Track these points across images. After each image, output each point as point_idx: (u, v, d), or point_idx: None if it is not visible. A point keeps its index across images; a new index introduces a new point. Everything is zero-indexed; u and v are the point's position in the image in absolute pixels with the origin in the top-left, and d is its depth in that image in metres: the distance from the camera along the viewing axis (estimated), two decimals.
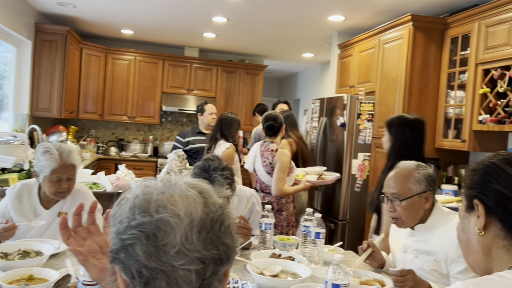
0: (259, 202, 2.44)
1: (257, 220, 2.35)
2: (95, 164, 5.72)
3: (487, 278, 0.89)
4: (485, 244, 0.98)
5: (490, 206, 0.97)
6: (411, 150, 2.45)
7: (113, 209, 0.76)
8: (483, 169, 1.01)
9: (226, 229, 0.74)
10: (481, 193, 0.99)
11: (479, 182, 1.01)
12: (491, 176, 0.98)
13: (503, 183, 0.96)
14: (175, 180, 0.77)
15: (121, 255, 0.71)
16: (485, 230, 0.98)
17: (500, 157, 1.02)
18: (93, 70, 6.18)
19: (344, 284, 1.40)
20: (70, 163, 2.07)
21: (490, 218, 0.97)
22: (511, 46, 3.02)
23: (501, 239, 0.96)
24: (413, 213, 1.85)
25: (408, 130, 2.52)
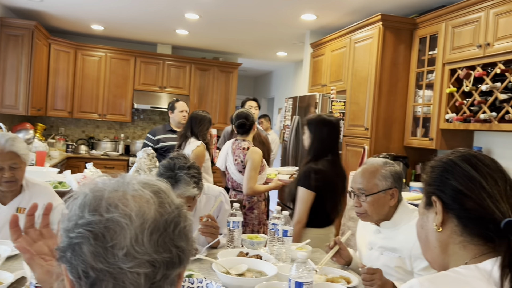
0: (227, 200, 2.42)
1: (225, 218, 2.32)
2: (64, 163, 5.58)
3: (442, 274, 0.90)
4: (442, 241, 0.99)
5: (447, 202, 0.98)
6: (328, 147, 2.66)
7: (64, 206, 0.73)
8: (441, 166, 1.02)
9: (181, 231, 0.72)
10: (439, 189, 1.00)
11: (436, 179, 1.02)
12: (448, 173, 0.99)
13: (460, 180, 0.97)
14: (129, 179, 0.74)
15: (67, 254, 0.68)
16: (443, 227, 0.99)
17: (458, 154, 1.03)
18: (62, 67, 6.03)
19: (307, 282, 1.40)
20: (10, 150, 2.00)
21: (447, 214, 0.98)
22: (476, 46, 3.09)
23: (457, 235, 0.97)
24: (378, 209, 1.87)
25: (325, 129, 2.68)
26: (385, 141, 3.85)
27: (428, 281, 0.87)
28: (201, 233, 2.08)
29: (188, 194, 2.03)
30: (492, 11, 2.99)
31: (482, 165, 0.98)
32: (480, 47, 3.05)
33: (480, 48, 3.05)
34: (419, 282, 0.87)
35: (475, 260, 0.92)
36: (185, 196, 2.02)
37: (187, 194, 2.03)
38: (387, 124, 3.85)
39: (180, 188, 2.00)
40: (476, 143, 3.51)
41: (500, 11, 2.93)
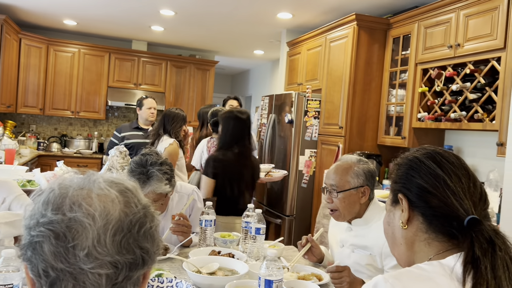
0: (200, 199, 2.40)
1: (198, 217, 2.30)
2: (35, 161, 5.44)
3: (406, 270, 0.91)
4: (408, 238, 1.00)
5: (413, 200, 0.99)
6: (235, 139, 2.85)
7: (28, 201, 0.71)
8: (407, 164, 1.03)
9: (146, 232, 0.70)
10: (405, 187, 1.01)
11: (402, 176, 1.02)
12: (414, 171, 1.00)
13: (425, 178, 0.98)
14: (96, 177, 0.72)
15: (28, 252, 0.67)
16: (408, 224, 1.00)
17: (423, 151, 1.04)
18: (33, 62, 5.87)
19: (277, 280, 1.40)
20: None
21: (413, 212, 0.99)
22: (447, 47, 3.15)
23: (422, 232, 0.98)
24: (349, 206, 1.88)
25: (232, 123, 2.87)
26: (359, 140, 3.90)
27: (392, 278, 0.87)
28: (173, 232, 2.06)
29: (160, 191, 2.01)
30: (462, 13, 3.06)
31: (446, 162, 0.99)
32: (451, 47, 3.12)
33: (451, 48, 3.11)
34: (384, 278, 0.88)
35: (438, 257, 0.94)
36: (157, 193, 2.01)
37: (159, 191, 2.01)
38: (361, 122, 3.89)
39: (152, 185, 1.98)
40: (447, 142, 3.59)
41: (470, 13, 2.99)
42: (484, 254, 0.86)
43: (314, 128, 4.30)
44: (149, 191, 1.99)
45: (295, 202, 4.30)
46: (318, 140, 4.29)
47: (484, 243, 0.87)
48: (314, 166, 4.30)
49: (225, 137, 2.86)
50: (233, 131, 2.85)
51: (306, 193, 4.31)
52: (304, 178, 4.30)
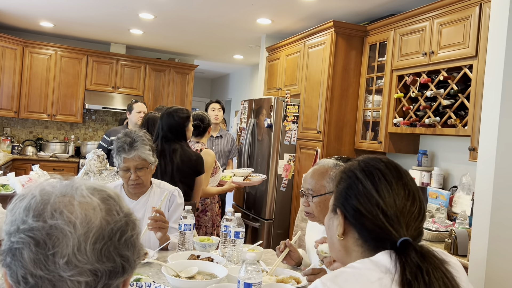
0: (181, 195, 2.42)
1: (178, 212, 2.34)
2: (9, 165, 5.31)
3: (340, 271, 0.95)
4: (346, 247, 1.05)
5: (349, 220, 1.03)
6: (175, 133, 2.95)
7: (10, 205, 0.70)
8: (346, 181, 1.06)
9: (127, 240, 0.71)
10: (343, 205, 1.04)
11: (342, 193, 1.05)
12: (351, 190, 1.03)
13: (360, 199, 1.01)
14: (79, 183, 0.72)
15: (7, 258, 0.67)
16: (345, 236, 1.04)
17: (363, 165, 1.05)
18: (8, 64, 5.75)
19: (256, 283, 1.42)
20: None
21: (349, 226, 1.03)
22: (421, 54, 3.24)
23: (357, 246, 1.02)
24: (324, 210, 1.91)
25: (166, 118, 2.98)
26: (337, 144, 3.96)
27: (329, 281, 0.92)
28: (150, 228, 2.06)
29: (144, 156, 2.16)
30: (436, 21, 3.15)
31: (384, 181, 1.01)
32: (425, 55, 3.20)
33: (425, 56, 3.20)
34: (322, 282, 0.92)
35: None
36: (142, 158, 2.15)
37: (144, 156, 2.15)
38: (339, 127, 3.96)
39: (138, 148, 2.14)
40: (422, 147, 3.68)
41: (444, 21, 3.09)
42: (415, 278, 0.90)
43: (293, 133, 4.34)
44: (134, 155, 2.14)
45: (274, 206, 4.33)
46: (296, 144, 4.34)
47: (413, 268, 0.91)
48: (293, 170, 4.34)
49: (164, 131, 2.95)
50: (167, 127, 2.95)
51: (285, 196, 4.35)
52: (283, 182, 4.34)
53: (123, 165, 2.17)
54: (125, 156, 2.15)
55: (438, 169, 3.38)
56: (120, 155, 2.16)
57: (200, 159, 2.98)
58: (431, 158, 3.57)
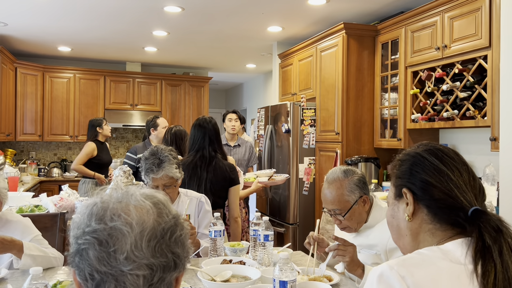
0: (208, 202, 2.50)
1: (207, 218, 2.42)
2: (37, 187, 5.47)
3: (408, 257, 0.96)
4: (413, 229, 1.06)
5: (418, 194, 1.04)
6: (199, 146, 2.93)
7: (75, 215, 0.80)
8: (409, 160, 1.08)
9: (176, 239, 0.79)
10: (409, 182, 1.05)
11: (406, 172, 1.07)
12: (417, 166, 1.06)
13: (428, 172, 1.03)
14: (132, 191, 0.82)
15: (76, 258, 0.76)
16: (413, 217, 1.05)
17: (424, 148, 1.10)
18: (30, 90, 5.95)
19: (291, 280, 1.46)
20: None
21: (417, 205, 1.04)
22: (434, 49, 3.26)
23: (427, 223, 1.03)
24: (357, 219, 1.94)
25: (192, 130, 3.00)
26: (356, 144, 3.98)
27: (397, 265, 0.91)
28: None
29: (172, 174, 2.23)
30: (446, 15, 3.17)
31: (447, 158, 1.05)
32: (438, 49, 3.22)
33: (438, 50, 3.22)
34: (389, 266, 0.91)
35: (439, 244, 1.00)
36: (169, 176, 2.23)
37: (171, 175, 2.22)
38: (357, 127, 3.98)
39: (165, 168, 2.20)
40: (442, 141, 3.68)
41: (454, 15, 3.11)
42: (494, 241, 0.91)
43: (311, 136, 4.38)
44: (162, 175, 2.22)
45: (297, 210, 4.37)
46: (315, 147, 4.38)
47: (493, 232, 0.92)
48: (313, 173, 4.37)
49: (218, 143, 2.97)
50: (194, 138, 2.96)
51: (307, 200, 4.38)
52: (305, 186, 4.37)
53: (152, 184, 2.26)
54: (153, 176, 2.24)
55: None
56: (149, 175, 2.26)
57: (233, 169, 2.96)
58: None
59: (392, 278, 0.89)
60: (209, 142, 2.93)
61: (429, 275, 0.89)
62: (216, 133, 2.98)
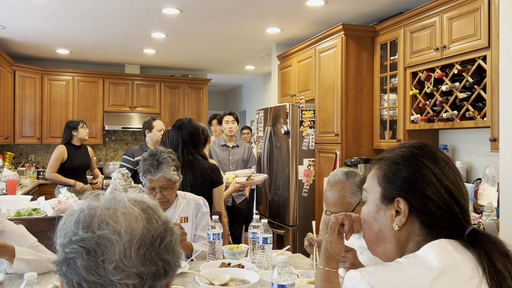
0: (206, 204, 2.50)
1: (204, 220, 2.42)
2: (36, 190, 5.45)
3: (383, 265, 0.94)
4: (401, 239, 1.00)
5: (416, 208, 0.97)
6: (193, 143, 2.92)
7: (61, 221, 0.78)
8: (411, 167, 1.00)
9: (166, 245, 0.77)
10: (409, 194, 0.98)
11: (407, 181, 0.99)
12: (421, 178, 0.98)
13: (433, 188, 0.97)
14: (120, 197, 0.80)
15: (63, 267, 0.73)
16: (402, 227, 0.99)
17: (426, 151, 1.02)
18: (28, 93, 5.93)
19: (289, 284, 1.44)
20: None
21: (411, 217, 0.98)
22: (433, 49, 3.25)
23: (416, 235, 0.98)
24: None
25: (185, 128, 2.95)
26: (355, 146, 3.97)
27: (369, 274, 0.89)
28: None
29: (169, 176, 2.22)
30: (445, 16, 3.16)
31: (449, 169, 1.00)
32: (437, 50, 3.21)
33: (437, 51, 3.21)
34: (361, 274, 0.90)
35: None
36: (167, 178, 2.21)
37: (169, 177, 2.21)
38: (356, 128, 3.97)
39: (163, 169, 2.20)
40: (442, 141, 3.67)
41: (453, 15, 3.10)
42: (505, 267, 0.90)
43: (310, 138, 4.37)
44: (160, 176, 2.21)
45: (297, 212, 4.35)
46: (315, 148, 4.36)
47: (501, 258, 0.91)
48: (313, 174, 4.36)
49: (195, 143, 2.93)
50: (170, 140, 2.96)
51: (307, 202, 4.36)
52: (305, 187, 4.36)
53: (149, 185, 2.25)
54: (150, 177, 2.23)
55: (460, 162, 3.36)
56: (146, 176, 2.24)
57: (214, 170, 2.92)
58: (452, 152, 3.55)
59: (362, 287, 0.88)
60: (183, 145, 2.88)
61: (398, 282, 0.87)
62: (191, 135, 2.90)
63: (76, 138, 4.66)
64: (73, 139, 4.66)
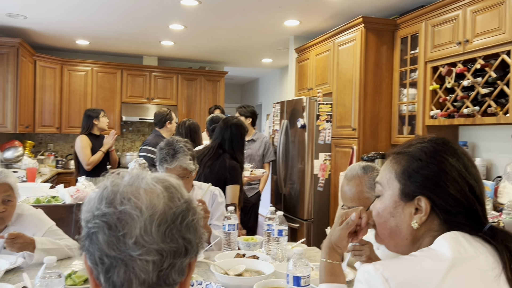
0: (221, 195, 2.54)
1: (219, 210, 2.45)
2: (54, 179, 5.54)
3: (398, 258, 0.94)
4: (417, 235, 0.99)
5: (439, 206, 0.96)
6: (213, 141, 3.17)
7: (86, 199, 0.79)
8: (435, 165, 0.98)
9: (188, 224, 0.77)
10: (433, 193, 0.96)
11: (430, 180, 0.97)
12: (445, 176, 0.96)
13: (457, 187, 0.96)
14: (143, 175, 0.80)
15: (86, 242, 0.74)
16: (421, 224, 0.98)
17: (449, 147, 0.99)
18: (48, 83, 6.02)
19: (305, 276, 1.44)
20: (3, 181, 1.92)
21: (432, 215, 0.97)
22: (455, 44, 3.18)
23: (433, 231, 0.97)
24: None
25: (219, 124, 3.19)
26: (373, 140, 3.92)
27: (383, 266, 0.89)
28: None
29: (186, 166, 2.23)
30: (469, 9, 3.09)
31: (471, 166, 0.98)
32: (459, 44, 3.14)
33: (460, 45, 3.14)
34: (375, 267, 0.89)
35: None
36: (183, 167, 2.23)
37: (185, 166, 2.23)
38: (374, 123, 3.92)
39: (179, 158, 2.22)
40: (461, 138, 3.60)
41: (477, 8, 3.02)
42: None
43: (327, 132, 4.34)
44: (176, 165, 2.23)
45: (312, 206, 4.33)
46: (331, 143, 4.33)
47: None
48: (329, 169, 4.33)
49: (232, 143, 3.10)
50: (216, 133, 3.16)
51: (323, 196, 4.34)
52: (320, 182, 4.33)
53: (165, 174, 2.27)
54: (167, 166, 2.25)
55: (480, 159, 3.30)
56: (163, 165, 2.26)
57: (233, 169, 3.01)
58: (472, 149, 3.48)
59: (376, 280, 0.87)
60: (221, 140, 3.08)
61: (412, 275, 0.87)
62: (232, 136, 3.10)
63: (96, 128, 4.52)
64: (94, 129, 4.52)
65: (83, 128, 4.54)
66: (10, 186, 1.96)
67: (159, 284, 0.74)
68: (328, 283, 1.17)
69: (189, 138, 3.70)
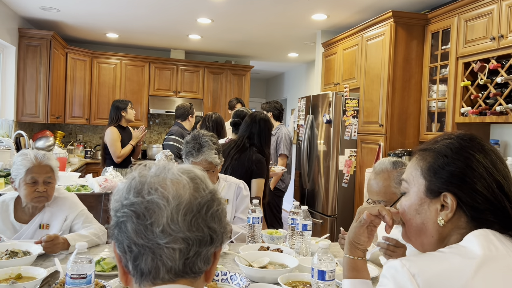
0: (246, 188, 2.56)
1: (244, 203, 2.46)
2: (83, 169, 5.68)
3: (426, 254, 0.92)
4: (444, 233, 0.98)
5: (465, 202, 0.94)
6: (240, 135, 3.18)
7: (115, 189, 0.82)
8: (461, 161, 0.96)
9: (213, 214, 0.79)
10: (459, 189, 0.95)
11: (456, 176, 0.95)
12: (472, 173, 0.94)
13: (484, 183, 0.94)
14: (170, 166, 0.82)
15: (115, 231, 0.77)
16: (448, 221, 0.97)
17: (475, 144, 0.98)
18: (79, 75, 6.16)
19: (330, 270, 1.44)
20: (45, 163, 2.02)
21: (458, 212, 0.96)
22: (489, 39, 3.09)
23: (460, 228, 0.96)
24: None
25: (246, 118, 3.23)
26: (400, 137, 3.86)
27: (410, 262, 0.88)
28: None
29: (211, 159, 2.26)
30: (504, 3, 2.99)
31: (500, 162, 0.96)
32: (493, 39, 3.05)
33: (494, 40, 3.05)
34: (401, 263, 0.88)
35: None
36: (208, 161, 2.25)
37: (210, 160, 2.25)
38: (402, 120, 3.86)
39: (204, 152, 2.24)
40: (493, 136, 3.50)
41: None
42: None
43: (353, 127, 4.29)
44: (202, 159, 2.26)
45: (336, 202, 4.30)
46: (357, 139, 4.28)
47: None
48: (354, 165, 4.29)
49: (260, 138, 3.13)
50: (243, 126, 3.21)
51: (347, 192, 4.31)
52: (345, 178, 4.30)
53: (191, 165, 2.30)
54: (193, 160, 2.28)
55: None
56: (189, 158, 2.30)
57: (259, 163, 3.03)
58: (504, 148, 3.38)
59: (402, 276, 0.86)
60: (249, 134, 3.10)
61: (440, 271, 0.85)
62: (260, 130, 3.13)
63: (124, 119, 4.52)
64: (122, 120, 4.52)
65: (111, 120, 4.55)
66: (52, 168, 2.06)
67: (186, 272, 0.76)
68: (351, 278, 1.17)
69: (215, 131, 3.76)
